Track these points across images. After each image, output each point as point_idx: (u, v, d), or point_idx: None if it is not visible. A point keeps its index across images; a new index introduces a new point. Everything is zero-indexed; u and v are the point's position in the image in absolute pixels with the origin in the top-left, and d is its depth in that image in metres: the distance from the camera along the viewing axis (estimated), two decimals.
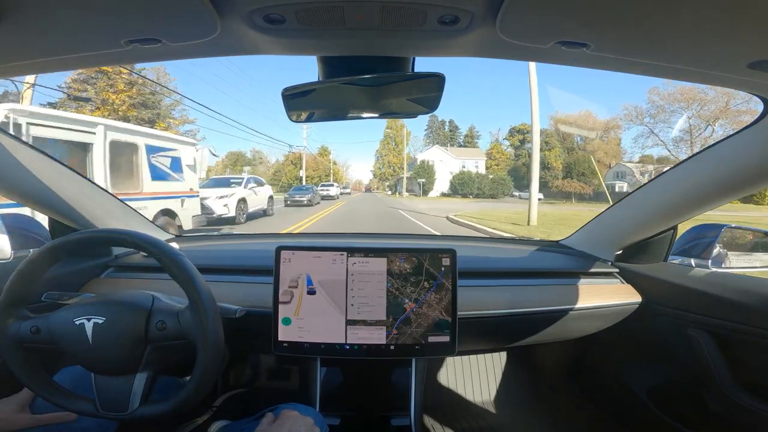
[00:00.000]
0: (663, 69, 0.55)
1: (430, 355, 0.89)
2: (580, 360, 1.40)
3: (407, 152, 47.58)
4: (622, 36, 0.47)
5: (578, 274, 1.11)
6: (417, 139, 58.63)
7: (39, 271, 0.64)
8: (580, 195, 34.04)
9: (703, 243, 1.05)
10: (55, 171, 0.89)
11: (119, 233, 0.67)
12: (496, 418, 1.39)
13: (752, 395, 0.82)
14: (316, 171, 48.34)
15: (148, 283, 1.00)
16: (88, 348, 0.60)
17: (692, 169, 0.85)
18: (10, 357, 0.62)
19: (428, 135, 57.31)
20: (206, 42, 0.49)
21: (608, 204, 1.25)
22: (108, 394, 0.62)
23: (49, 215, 0.97)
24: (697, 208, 0.89)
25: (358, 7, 0.44)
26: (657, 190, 0.95)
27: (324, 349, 0.88)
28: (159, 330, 0.62)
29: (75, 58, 0.54)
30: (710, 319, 0.88)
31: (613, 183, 33.54)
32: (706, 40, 0.46)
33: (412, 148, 51.32)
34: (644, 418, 1.10)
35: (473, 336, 1.02)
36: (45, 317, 0.63)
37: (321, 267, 0.88)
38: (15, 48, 0.50)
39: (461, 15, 0.44)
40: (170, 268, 0.62)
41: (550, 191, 35.78)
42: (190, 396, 0.61)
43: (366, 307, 0.88)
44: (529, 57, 0.56)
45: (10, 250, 0.91)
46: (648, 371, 1.12)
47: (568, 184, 35.43)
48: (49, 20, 0.44)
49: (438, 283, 0.88)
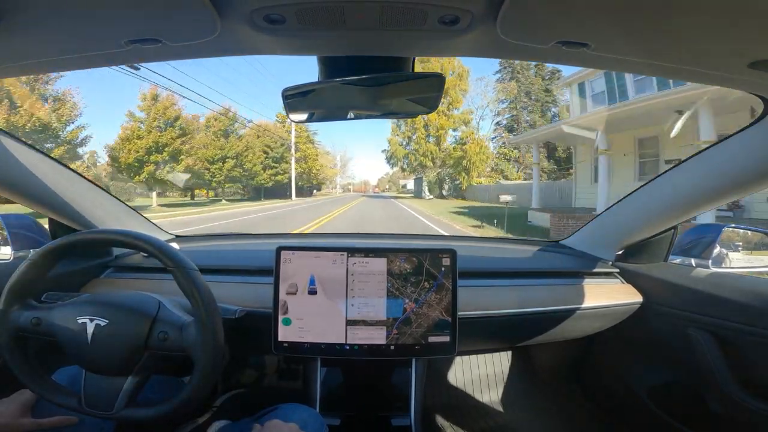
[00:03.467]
0: (663, 69, 0.55)
1: (430, 355, 0.89)
2: (580, 360, 1.40)
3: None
4: (622, 36, 0.47)
5: (579, 274, 1.11)
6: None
7: (40, 271, 0.64)
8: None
9: (703, 243, 1.06)
10: (56, 171, 0.89)
11: (120, 234, 0.67)
12: (496, 418, 1.39)
13: (752, 395, 0.82)
14: (248, 157, 25.20)
15: (148, 284, 1.00)
16: (86, 348, 0.60)
17: (693, 169, 0.85)
18: (5, 342, 0.62)
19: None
20: (206, 42, 0.49)
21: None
22: (96, 393, 0.62)
23: (50, 216, 0.97)
24: (698, 208, 0.89)
25: (358, 7, 0.44)
26: (657, 189, 0.95)
27: (324, 349, 0.88)
28: (160, 340, 0.62)
29: (75, 58, 0.54)
30: (711, 319, 0.88)
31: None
32: (706, 40, 0.46)
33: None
34: (645, 417, 1.10)
35: (473, 336, 1.02)
36: (48, 310, 0.63)
37: (321, 267, 0.88)
38: (15, 48, 0.50)
39: (461, 15, 0.44)
40: (175, 275, 0.62)
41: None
42: (183, 403, 0.61)
43: (366, 308, 0.88)
44: (530, 57, 0.56)
45: (11, 250, 0.92)
46: (648, 371, 1.12)
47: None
48: (50, 20, 0.44)
49: (438, 283, 0.88)
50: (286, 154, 29.90)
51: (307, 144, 34.72)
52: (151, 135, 18.05)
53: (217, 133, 24.89)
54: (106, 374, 0.62)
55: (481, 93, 30.33)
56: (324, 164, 42.67)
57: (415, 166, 29.26)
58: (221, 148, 23.98)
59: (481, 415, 1.40)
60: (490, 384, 1.48)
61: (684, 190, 0.88)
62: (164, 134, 18.40)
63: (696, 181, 0.84)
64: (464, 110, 27.48)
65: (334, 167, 54.30)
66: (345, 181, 70.28)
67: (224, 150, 24.02)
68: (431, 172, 28.58)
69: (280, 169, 28.84)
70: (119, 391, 0.61)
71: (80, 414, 0.63)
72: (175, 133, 18.72)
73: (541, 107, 28.74)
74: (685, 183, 0.87)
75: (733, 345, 0.86)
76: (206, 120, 25.13)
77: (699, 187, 0.84)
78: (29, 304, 0.64)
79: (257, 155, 26.61)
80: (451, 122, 27.00)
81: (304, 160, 33.80)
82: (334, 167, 54.30)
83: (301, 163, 33.02)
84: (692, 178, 0.85)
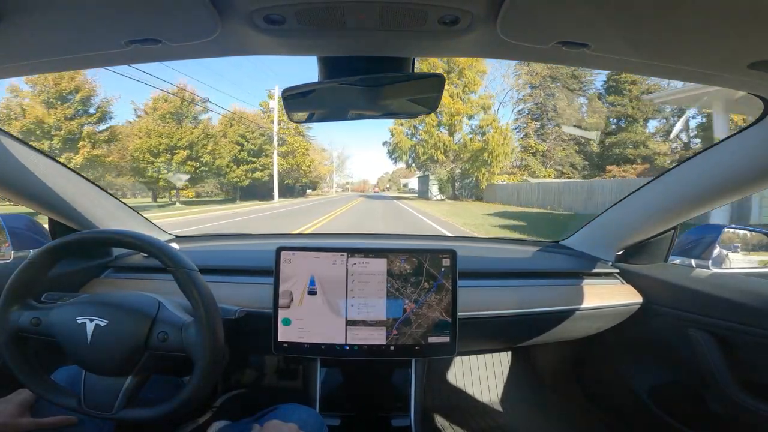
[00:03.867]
0: (663, 69, 0.55)
1: (430, 355, 0.89)
2: (580, 360, 1.40)
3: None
4: (622, 36, 0.47)
5: (579, 274, 1.11)
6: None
7: (40, 271, 0.64)
8: None
9: (703, 243, 1.06)
10: (55, 171, 0.89)
11: (119, 234, 0.67)
12: (496, 418, 1.39)
13: (752, 395, 0.82)
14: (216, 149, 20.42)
15: (148, 284, 1.00)
16: (86, 348, 0.60)
17: (693, 169, 0.85)
18: (4, 342, 0.62)
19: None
20: (206, 42, 0.49)
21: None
22: (95, 393, 0.62)
23: (50, 216, 0.97)
24: (698, 208, 0.89)
25: (358, 7, 0.44)
26: (657, 190, 0.95)
27: (324, 349, 0.88)
28: (160, 340, 0.62)
29: (75, 59, 0.54)
30: (711, 319, 0.88)
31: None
32: (706, 40, 0.46)
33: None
34: (645, 418, 1.10)
35: (473, 336, 1.02)
36: (48, 311, 0.63)
37: (321, 267, 0.88)
38: (15, 48, 0.50)
39: (461, 15, 0.44)
40: (175, 275, 0.61)
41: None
42: (183, 403, 0.61)
43: (366, 308, 0.88)
44: (530, 57, 0.56)
45: (11, 250, 0.91)
46: (649, 371, 1.12)
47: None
48: (49, 20, 0.44)
49: (438, 283, 0.88)
50: (267, 147, 24.34)
51: (296, 137, 28.68)
52: (34, 111, 13.20)
53: (165, 116, 18.40)
54: (105, 374, 0.62)
55: (502, 75, 26.06)
56: (316, 160, 36.49)
57: (424, 161, 24.08)
58: (169, 136, 17.84)
59: (481, 415, 1.40)
60: (490, 384, 1.48)
61: (684, 191, 0.88)
62: (54, 112, 13.35)
63: (696, 181, 0.84)
64: (482, 94, 23.06)
65: (329, 164, 49.28)
66: (343, 180, 67.20)
67: (172, 139, 17.88)
68: (442, 169, 23.90)
69: (259, 165, 23.57)
70: (119, 392, 0.61)
71: (80, 414, 0.63)
72: (71, 110, 13.58)
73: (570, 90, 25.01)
74: (685, 183, 0.87)
75: (733, 345, 0.86)
76: (153, 101, 18.97)
77: (699, 187, 0.84)
78: (29, 304, 0.64)
79: (225, 146, 21.16)
80: (468, 107, 22.08)
81: (291, 155, 27.94)
82: (329, 164, 49.28)
83: (288, 158, 27.69)
84: (692, 179, 0.85)
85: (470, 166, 21.88)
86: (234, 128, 23.16)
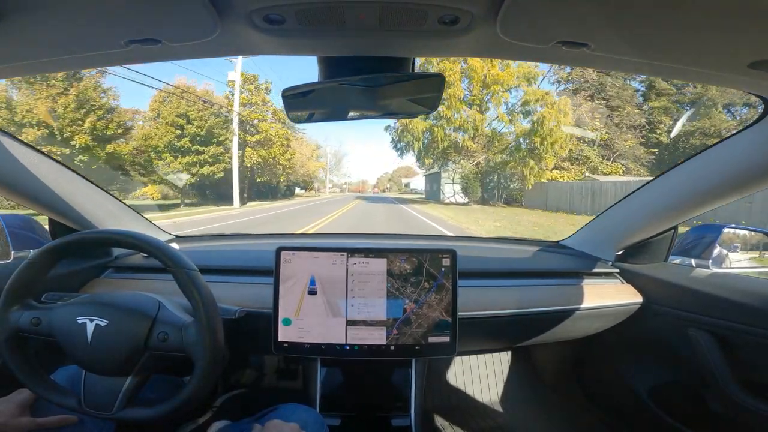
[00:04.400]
0: (663, 69, 0.55)
1: (430, 355, 0.89)
2: (580, 360, 1.40)
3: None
4: (622, 36, 0.47)
5: (579, 274, 1.11)
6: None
7: (40, 271, 0.64)
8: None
9: (703, 243, 1.05)
10: (56, 171, 0.89)
11: (120, 234, 0.67)
12: (496, 418, 1.39)
13: (753, 395, 0.82)
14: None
15: (148, 284, 1.00)
16: (86, 348, 0.60)
17: (693, 169, 0.85)
18: (4, 342, 0.62)
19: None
20: (206, 42, 0.49)
21: None
22: (95, 393, 0.62)
23: (50, 216, 0.97)
24: (698, 208, 0.89)
25: (358, 7, 0.44)
26: (657, 190, 0.95)
27: (324, 349, 0.88)
28: (160, 340, 0.62)
29: (75, 59, 0.54)
30: (711, 319, 0.88)
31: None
32: (707, 40, 0.46)
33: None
34: (645, 417, 1.10)
35: (473, 336, 1.02)
36: (48, 311, 0.63)
37: (321, 267, 0.88)
38: (15, 48, 0.50)
39: (461, 15, 0.44)
40: (175, 275, 0.62)
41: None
42: (183, 403, 0.61)
43: (366, 308, 0.88)
44: (530, 57, 0.56)
45: (11, 250, 0.91)
46: (649, 371, 1.12)
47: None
48: (49, 20, 0.44)
49: (438, 283, 0.88)
50: (222, 133, 16.80)
51: (273, 123, 20.40)
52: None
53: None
54: (105, 374, 0.62)
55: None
56: (302, 153, 27.58)
57: (442, 150, 17.11)
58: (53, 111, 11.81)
59: (481, 415, 1.40)
60: (490, 384, 1.48)
61: (684, 191, 0.88)
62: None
63: (696, 181, 0.84)
64: (521, 64, 15.21)
65: (323, 160, 40.39)
66: (341, 180, 64.33)
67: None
68: (467, 162, 17.35)
69: (209, 157, 16.18)
70: (119, 392, 0.62)
71: (80, 414, 0.63)
72: None
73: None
74: (686, 183, 0.87)
75: (733, 345, 0.86)
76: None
77: (699, 187, 0.84)
78: (29, 304, 0.64)
79: (158, 130, 14.96)
80: (510, 76, 15.36)
81: (266, 145, 19.77)
82: (323, 160, 40.39)
83: (258, 149, 19.42)
84: (692, 179, 0.85)
85: (512, 158, 15.81)
86: (171, 105, 16.01)
